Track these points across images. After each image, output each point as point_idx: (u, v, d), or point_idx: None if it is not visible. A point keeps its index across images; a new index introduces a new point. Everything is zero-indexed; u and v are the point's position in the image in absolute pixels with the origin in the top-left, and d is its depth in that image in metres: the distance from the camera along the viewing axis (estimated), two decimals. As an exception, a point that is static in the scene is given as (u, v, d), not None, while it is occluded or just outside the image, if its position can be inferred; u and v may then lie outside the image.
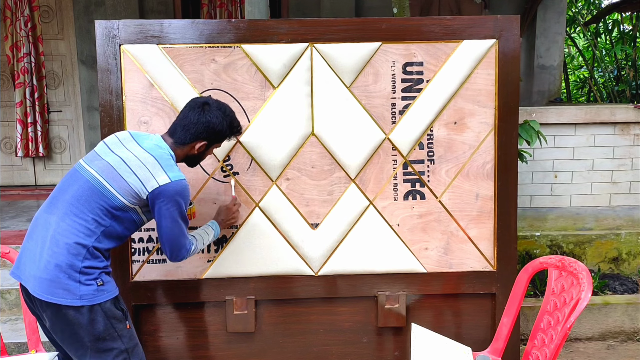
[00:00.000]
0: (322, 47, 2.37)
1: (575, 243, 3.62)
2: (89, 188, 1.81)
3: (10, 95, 5.94)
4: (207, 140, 1.99)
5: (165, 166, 1.86)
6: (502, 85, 2.42)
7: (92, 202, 1.80)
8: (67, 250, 1.74)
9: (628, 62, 6.74)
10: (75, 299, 1.73)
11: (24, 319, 2.18)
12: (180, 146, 1.97)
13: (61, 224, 1.77)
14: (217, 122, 1.97)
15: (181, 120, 1.98)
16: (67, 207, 1.80)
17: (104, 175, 1.83)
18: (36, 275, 1.75)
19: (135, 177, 1.82)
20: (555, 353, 1.82)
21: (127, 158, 1.86)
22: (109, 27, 2.32)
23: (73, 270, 1.74)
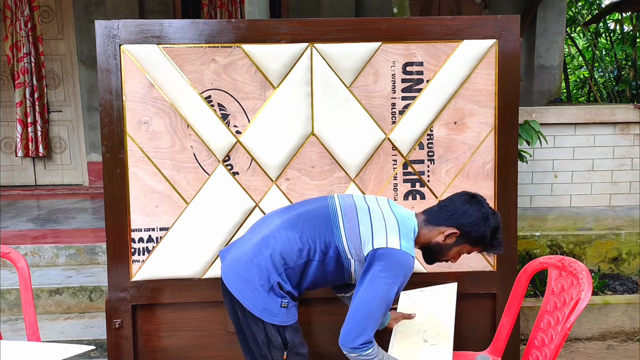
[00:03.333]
0: (322, 47, 2.37)
1: (575, 243, 3.62)
2: (324, 215, 1.75)
3: (10, 95, 5.94)
4: (460, 231, 1.76)
5: (404, 235, 1.69)
6: (502, 85, 2.42)
7: (318, 230, 1.72)
8: (271, 257, 1.71)
9: (628, 62, 6.74)
10: (256, 307, 1.70)
11: (24, 319, 2.18)
12: (429, 226, 1.78)
13: (281, 232, 1.73)
14: (478, 217, 1.75)
15: (443, 202, 1.83)
16: (295, 219, 1.76)
17: (344, 212, 1.75)
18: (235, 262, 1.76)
19: (370, 227, 1.69)
20: (555, 353, 1.82)
21: (373, 210, 1.75)
22: (109, 27, 2.32)
23: (267, 280, 1.70)
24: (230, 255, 1.82)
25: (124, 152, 2.36)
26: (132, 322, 2.42)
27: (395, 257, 1.65)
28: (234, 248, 1.85)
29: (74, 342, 2.95)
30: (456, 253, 1.83)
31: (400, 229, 1.70)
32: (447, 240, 1.78)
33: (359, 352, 1.66)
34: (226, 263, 1.81)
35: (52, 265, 3.71)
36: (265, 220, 1.87)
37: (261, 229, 1.82)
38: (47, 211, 4.93)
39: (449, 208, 1.78)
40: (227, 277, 1.78)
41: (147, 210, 2.39)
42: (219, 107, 2.38)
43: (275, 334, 1.74)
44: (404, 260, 1.66)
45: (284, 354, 1.76)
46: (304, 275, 1.76)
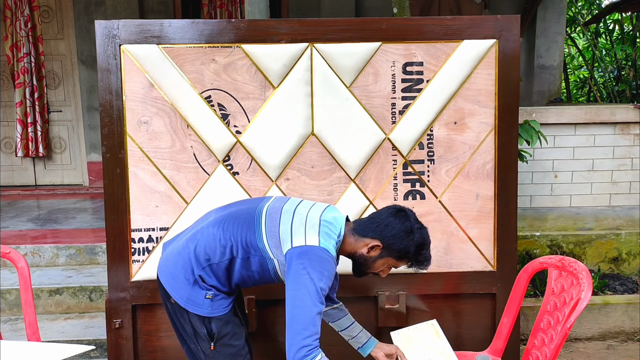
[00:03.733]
0: (322, 47, 2.37)
1: (575, 243, 3.62)
2: (249, 215, 1.77)
3: (10, 95, 5.94)
4: (383, 244, 1.74)
5: (323, 233, 1.69)
6: (502, 85, 2.42)
7: (240, 228, 1.75)
8: (195, 252, 1.76)
9: (628, 62, 6.74)
10: (181, 297, 1.76)
11: (24, 319, 2.18)
12: (355, 236, 1.78)
13: (209, 229, 1.78)
14: (401, 230, 1.73)
15: (373, 213, 1.85)
16: (224, 217, 1.80)
17: (268, 213, 1.76)
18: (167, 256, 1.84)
19: (289, 228, 1.70)
20: (555, 353, 1.82)
21: (298, 212, 1.76)
22: (109, 27, 2.32)
23: (191, 273, 1.75)
24: (168, 249, 1.89)
25: (124, 152, 2.36)
26: (132, 322, 2.42)
27: (314, 252, 1.64)
28: (173, 241, 1.90)
29: (74, 342, 2.95)
30: (381, 266, 1.80)
31: (321, 229, 1.69)
32: (371, 252, 1.76)
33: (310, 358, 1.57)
34: (162, 256, 1.88)
35: (52, 265, 3.71)
36: (204, 216, 1.93)
37: (197, 223, 1.89)
38: (47, 211, 4.93)
39: (375, 220, 1.78)
40: (160, 269, 1.85)
41: (147, 210, 2.39)
42: (219, 107, 2.38)
43: (200, 325, 1.77)
44: (324, 255, 1.64)
45: (211, 345, 1.78)
46: (231, 271, 1.77)
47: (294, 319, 1.60)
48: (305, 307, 1.59)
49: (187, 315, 1.78)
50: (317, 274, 1.61)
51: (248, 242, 1.73)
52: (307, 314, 1.58)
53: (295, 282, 1.62)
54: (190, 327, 1.79)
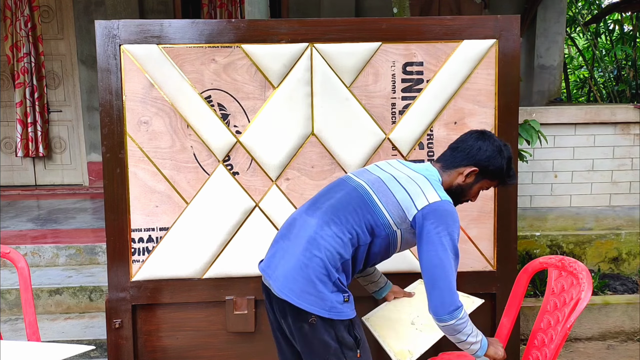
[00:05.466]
0: (322, 47, 2.37)
1: (575, 243, 3.62)
2: (357, 197, 1.71)
3: (10, 95, 5.94)
4: (478, 168, 1.77)
5: (436, 186, 1.71)
6: (502, 85, 2.42)
7: (358, 214, 1.69)
8: (327, 256, 1.64)
9: (628, 62, 6.74)
10: (324, 309, 1.62)
11: (24, 319, 2.18)
12: (447, 171, 1.80)
13: (325, 229, 1.67)
14: (493, 150, 1.77)
15: (453, 144, 1.84)
16: (331, 212, 1.70)
17: (374, 188, 1.72)
18: (287, 275, 1.66)
19: (405, 192, 1.68)
20: (555, 353, 1.82)
21: (398, 176, 1.75)
22: (109, 27, 2.32)
23: (328, 279, 1.64)
24: (279, 271, 1.70)
25: (124, 152, 2.36)
26: (132, 322, 2.42)
27: (441, 208, 1.66)
28: (277, 261, 1.73)
29: (74, 342, 2.95)
30: (477, 191, 1.84)
31: (432, 182, 1.72)
32: (467, 179, 1.79)
33: (456, 317, 1.65)
34: (276, 279, 1.69)
35: (52, 265, 3.71)
36: (295, 223, 1.78)
37: (298, 233, 1.74)
38: (47, 211, 4.93)
39: (462, 148, 1.80)
40: (284, 291, 1.66)
41: (147, 210, 2.39)
42: (219, 107, 2.38)
43: (346, 334, 1.68)
44: (449, 207, 1.68)
45: (357, 352, 1.70)
46: (355, 263, 1.73)
47: (437, 278, 1.63)
48: (446, 266, 1.62)
49: (331, 328, 1.65)
50: (449, 229, 1.64)
51: (372, 223, 1.69)
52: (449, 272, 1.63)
53: (431, 243, 1.63)
54: (336, 340, 1.66)
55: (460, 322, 1.66)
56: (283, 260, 1.71)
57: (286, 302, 1.65)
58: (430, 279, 1.65)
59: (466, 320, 1.69)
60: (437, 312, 1.65)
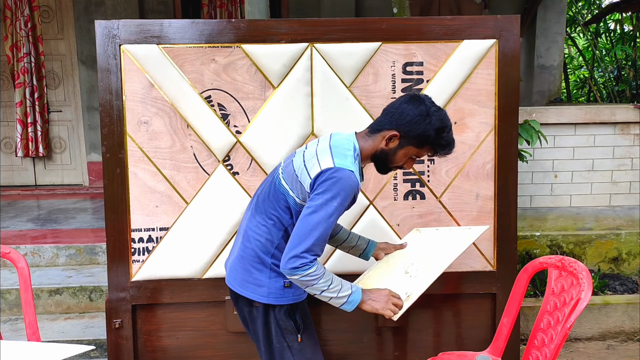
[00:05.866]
0: (322, 47, 2.37)
1: (575, 243, 3.62)
2: (271, 184, 1.80)
3: (10, 95, 5.95)
4: (399, 132, 1.69)
5: (336, 153, 1.65)
6: (502, 85, 2.42)
7: (273, 199, 1.76)
8: (256, 245, 1.76)
9: (628, 62, 6.74)
10: (262, 295, 1.73)
11: (24, 319, 2.18)
12: (372, 135, 1.73)
13: (252, 220, 1.80)
14: (417, 114, 1.67)
15: (386, 106, 1.77)
16: (258, 204, 1.81)
17: (284, 170, 1.78)
18: (231, 266, 1.83)
19: (303, 165, 1.68)
20: (555, 353, 1.82)
21: (308, 151, 1.73)
22: (109, 27, 2.32)
23: (263, 266, 1.74)
24: (228, 263, 1.91)
25: (124, 152, 2.36)
26: (132, 322, 2.43)
27: (328, 173, 1.60)
28: (230, 256, 1.92)
29: (74, 342, 2.95)
30: (403, 157, 1.74)
31: (333, 151, 1.66)
32: (390, 144, 1.71)
33: (300, 272, 1.58)
34: (227, 271, 1.89)
35: (52, 265, 3.71)
36: (243, 218, 1.93)
37: (241, 227, 1.90)
38: (47, 211, 4.93)
39: (388, 111, 1.74)
40: (230, 281, 1.85)
41: (147, 210, 2.39)
42: (219, 107, 2.38)
43: (286, 319, 1.76)
44: (340, 174, 1.59)
45: (298, 337, 1.76)
46: None
47: (298, 231, 1.59)
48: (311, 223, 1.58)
49: (272, 312, 1.75)
50: (329, 194, 1.58)
51: (285, 204, 1.73)
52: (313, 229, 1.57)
53: (311, 200, 1.61)
54: (276, 324, 1.75)
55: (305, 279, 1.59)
56: (232, 253, 1.89)
57: (233, 291, 1.81)
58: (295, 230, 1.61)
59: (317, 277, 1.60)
60: (283, 263, 1.60)
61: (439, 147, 1.72)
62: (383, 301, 1.72)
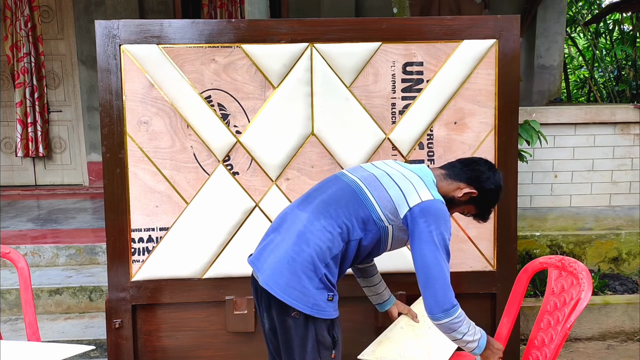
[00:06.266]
0: (322, 47, 2.37)
1: (575, 243, 3.62)
2: (349, 192, 1.72)
3: (10, 95, 5.94)
4: (479, 193, 1.80)
5: (430, 186, 1.72)
6: (502, 85, 2.42)
7: (350, 208, 1.68)
8: (315, 251, 1.63)
9: (628, 62, 6.74)
10: (307, 305, 1.61)
11: (24, 319, 2.18)
12: (449, 180, 1.81)
13: (315, 223, 1.67)
14: (495, 185, 1.81)
15: (465, 161, 1.86)
16: (322, 207, 1.70)
17: (366, 183, 1.73)
18: (274, 268, 1.65)
19: (398, 189, 1.69)
20: (555, 353, 1.82)
21: (392, 173, 1.76)
22: (109, 27, 2.32)
23: (315, 274, 1.63)
24: (266, 264, 1.70)
25: (124, 152, 2.36)
26: (132, 322, 2.42)
27: (434, 207, 1.67)
28: (267, 254, 1.73)
29: (74, 342, 2.95)
30: (461, 210, 1.87)
31: (425, 181, 1.73)
32: (462, 197, 1.80)
33: (452, 314, 1.65)
34: (264, 271, 1.69)
35: (52, 265, 3.71)
36: (286, 217, 1.78)
37: (289, 227, 1.73)
38: (47, 211, 4.93)
39: (474, 169, 1.82)
40: (269, 284, 1.65)
41: (147, 210, 2.39)
42: (219, 107, 2.38)
43: (325, 334, 1.68)
44: (442, 207, 1.69)
45: (332, 353, 1.71)
46: (344, 259, 1.71)
47: (430, 276, 1.63)
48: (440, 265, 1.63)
49: (312, 325, 1.65)
50: (441, 228, 1.65)
51: (364, 217, 1.68)
52: (443, 271, 1.64)
53: (424, 241, 1.63)
54: (314, 339, 1.66)
55: (456, 321, 1.66)
56: (272, 253, 1.70)
57: (271, 295, 1.64)
58: (424, 277, 1.65)
59: (462, 319, 1.68)
60: (432, 311, 1.65)
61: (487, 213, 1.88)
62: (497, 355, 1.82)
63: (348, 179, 1.77)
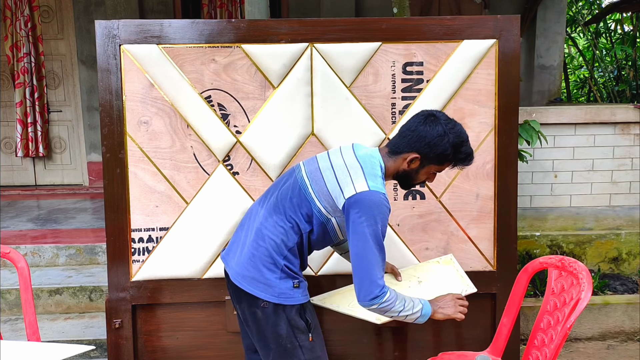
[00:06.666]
0: (322, 47, 2.37)
1: (575, 243, 3.62)
2: (295, 188, 1.80)
3: (10, 95, 5.95)
4: (420, 154, 1.76)
5: (368, 174, 1.72)
6: (502, 85, 2.42)
7: (294, 204, 1.78)
8: (271, 246, 1.75)
9: (628, 62, 6.74)
10: (273, 295, 1.73)
11: (24, 319, 2.18)
12: (393, 156, 1.80)
13: (269, 219, 1.79)
14: (433, 136, 1.73)
15: (400, 128, 1.83)
16: (275, 203, 1.81)
17: (310, 178, 1.79)
18: (240, 263, 1.79)
19: (336, 181, 1.73)
20: (555, 353, 1.82)
21: (336, 164, 1.78)
22: (109, 27, 2.32)
23: (275, 267, 1.75)
24: (234, 260, 1.85)
25: (124, 152, 2.36)
26: (132, 322, 2.43)
27: (366, 198, 1.67)
28: (234, 251, 1.88)
29: (74, 342, 2.95)
30: (425, 174, 1.83)
31: (365, 171, 1.72)
32: (412, 165, 1.79)
33: (378, 301, 1.67)
34: (232, 267, 1.84)
35: (52, 265, 3.71)
36: (250, 214, 1.91)
37: (250, 223, 1.87)
38: (47, 211, 4.93)
39: (405, 134, 1.79)
40: (237, 278, 1.80)
41: (147, 210, 2.39)
42: (219, 107, 2.38)
43: (297, 318, 1.77)
44: (375, 198, 1.68)
45: (309, 336, 1.78)
46: (301, 250, 1.81)
47: (358, 267, 1.68)
48: (368, 255, 1.66)
49: (282, 313, 1.75)
50: (372, 220, 1.66)
51: (307, 213, 1.76)
52: (371, 261, 1.66)
53: (355, 232, 1.67)
54: (287, 324, 1.76)
55: (385, 304, 1.69)
56: (238, 249, 1.84)
57: (240, 289, 1.77)
58: (354, 267, 1.69)
59: (392, 301, 1.70)
60: (361, 298, 1.69)
61: (458, 162, 1.80)
62: (452, 306, 1.84)
63: (299, 175, 1.84)
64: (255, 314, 1.78)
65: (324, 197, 1.75)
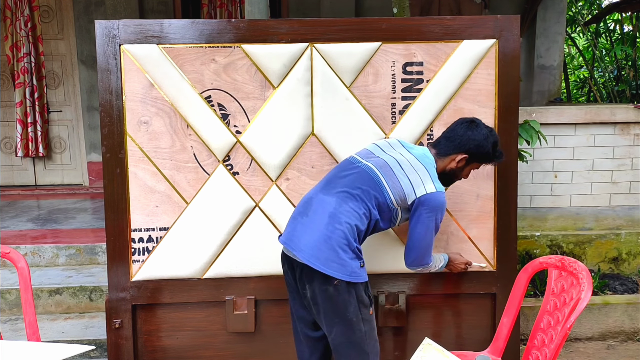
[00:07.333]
0: (322, 47, 2.37)
1: (575, 243, 3.62)
2: (367, 178, 2.00)
3: (10, 95, 5.94)
4: (468, 154, 2.08)
5: (433, 176, 2.02)
6: (502, 85, 2.42)
7: (369, 193, 1.97)
8: (347, 229, 1.91)
9: (628, 62, 6.74)
10: (345, 274, 1.89)
11: (24, 319, 2.18)
12: (442, 158, 2.11)
13: (343, 205, 1.95)
14: (481, 139, 2.07)
15: (446, 133, 2.14)
16: (347, 191, 1.97)
17: (381, 171, 2.01)
18: (313, 246, 1.91)
19: (408, 180, 1.99)
20: (555, 353, 1.82)
21: (401, 161, 2.04)
22: (109, 27, 2.32)
23: (349, 248, 1.91)
24: (302, 242, 1.94)
25: (124, 152, 2.36)
26: (132, 322, 2.43)
27: (434, 199, 1.99)
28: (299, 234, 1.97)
29: (74, 342, 2.95)
30: (468, 171, 2.17)
31: (430, 173, 2.02)
32: (459, 164, 2.11)
33: (425, 267, 2.15)
34: (302, 250, 1.93)
35: (52, 265, 3.71)
36: (311, 201, 2.02)
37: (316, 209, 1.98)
38: (47, 211, 4.93)
39: (454, 137, 2.10)
40: (310, 260, 1.90)
41: (147, 210, 2.39)
42: (219, 107, 2.38)
43: (364, 294, 1.97)
44: (440, 198, 2.01)
45: (370, 309, 2.00)
46: (366, 234, 2.03)
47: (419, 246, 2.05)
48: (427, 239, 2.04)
49: (353, 289, 1.92)
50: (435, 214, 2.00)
51: (380, 201, 1.99)
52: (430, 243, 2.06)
53: (421, 223, 2.00)
54: (356, 300, 1.93)
55: (426, 268, 2.17)
56: (306, 234, 1.95)
57: (314, 270, 1.90)
58: (414, 242, 2.04)
59: (432, 265, 2.17)
60: (412, 265, 2.11)
61: (495, 158, 2.14)
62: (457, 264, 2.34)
63: (364, 166, 2.04)
64: (327, 290, 1.91)
65: (397, 192, 1.99)
